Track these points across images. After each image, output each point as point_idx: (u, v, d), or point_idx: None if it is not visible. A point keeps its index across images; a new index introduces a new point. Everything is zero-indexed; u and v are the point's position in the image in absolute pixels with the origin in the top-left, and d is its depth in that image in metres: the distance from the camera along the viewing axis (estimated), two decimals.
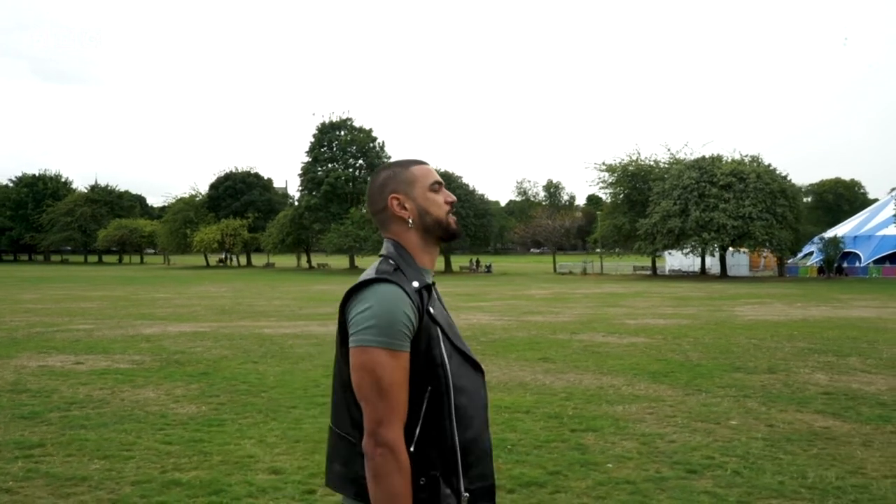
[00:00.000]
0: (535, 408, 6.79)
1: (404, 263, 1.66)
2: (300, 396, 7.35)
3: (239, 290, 30.96)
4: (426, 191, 1.74)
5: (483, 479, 1.64)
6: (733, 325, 15.05)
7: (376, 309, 1.54)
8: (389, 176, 1.76)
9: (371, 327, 1.53)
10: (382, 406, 1.51)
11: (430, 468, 1.55)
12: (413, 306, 1.56)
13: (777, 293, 27.43)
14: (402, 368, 1.53)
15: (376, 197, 1.76)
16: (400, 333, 1.53)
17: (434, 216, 1.73)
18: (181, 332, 13.54)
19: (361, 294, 1.58)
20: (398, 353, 1.53)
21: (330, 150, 59.15)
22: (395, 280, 1.58)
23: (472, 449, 1.61)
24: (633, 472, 4.76)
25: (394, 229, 1.73)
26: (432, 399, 1.57)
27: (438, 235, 1.75)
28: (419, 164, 1.79)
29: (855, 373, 8.96)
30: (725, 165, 40.81)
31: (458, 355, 1.64)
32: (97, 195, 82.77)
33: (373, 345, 1.52)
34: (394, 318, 1.53)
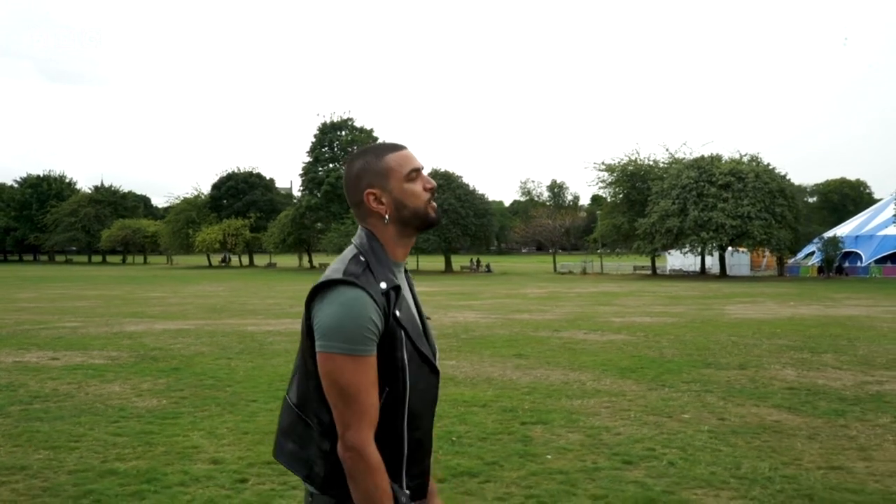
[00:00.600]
0: (494, 402, 6.82)
1: (375, 260, 1.62)
2: (263, 391, 7.41)
3: (235, 289, 31.08)
4: (402, 182, 1.66)
5: (421, 476, 1.67)
6: (718, 323, 15.05)
7: (340, 314, 1.52)
8: (363, 167, 1.68)
9: (335, 333, 1.52)
10: (347, 411, 1.52)
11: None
12: (378, 310, 1.54)
13: (772, 292, 27.36)
14: (367, 373, 1.53)
15: (352, 189, 1.69)
16: (364, 339, 1.52)
17: (411, 208, 1.67)
18: (165, 330, 13.63)
19: (327, 296, 1.55)
20: (363, 357, 1.52)
21: (331, 150, 59.29)
22: (360, 284, 1.54)
23: (418, 448, 1.64)
24: (569, 462, 4.80)
25: (370, 222, 1.68)
26: (389, 400, 1.58)
27: (416, 226, 1.70)
28: (394, 151, 1.69)
29: (825, 369, 8.96)
30: (724, 165, 40.73)
31: (417, 357, 1.62)
32: (101, 196, 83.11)
33: (337, 352, 1.51)
34: (358, 325, 1.51)
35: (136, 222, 77.35)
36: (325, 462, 1.59)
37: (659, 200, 41.24)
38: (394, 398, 1.58)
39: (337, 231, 53.73)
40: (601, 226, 47.03)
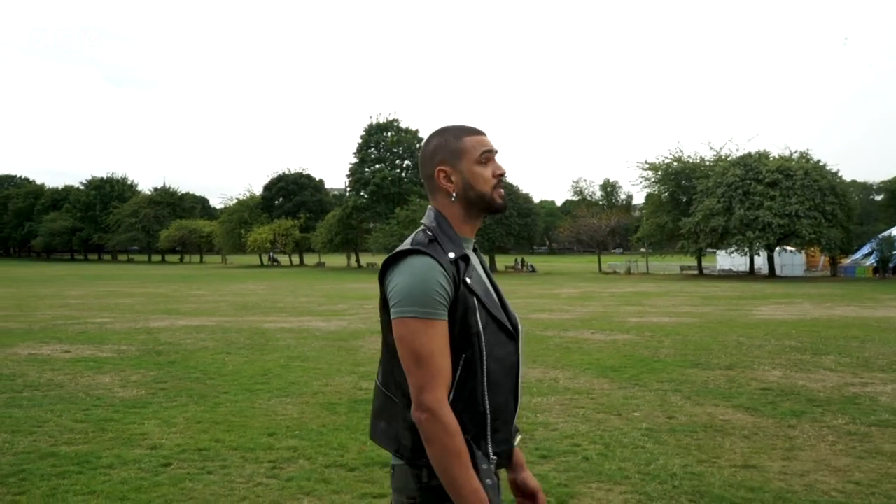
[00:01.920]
0: None
1: (442, 234, 1.69)
2: (241, 384, 7.71)
3: (275, 287, 31.84)
4: (473, 164, 1.74)
5: (506, 443, 1.71)
6: (736, 323, 14.77)
7: (411, 280, 1.59)
8: (440, 145, 1.76)
9: (407, 298, 1.58)
10: (422, 374, 1.56)
11: (464, 432, 1.60)
12: (447, 276, 1.60)
13: (815, 293, 26.54)
14: (440, 336, 1.58)
15: (426, 163, 1.78)
16: (435, 303, 1.58)
17: (478, 190, 1.74)
18: (185, 326, 14.17)
19: (397, 266, 1.63)
20: (434, 321, 1.57)
21: (377, 151, 59.97)
22: (428, 251, 1.62)
23: (499, 414, 1.67)
24: None
25: (439, 199, 1.76)
26: (467, 366, 1.62)
27: (481, 209, 1.76)
28: (472, 134, 1.77)
29: (816, 370, 8.78)
30: (772, 162, 39.57)
31: (493, 323, 1.67)
32: (160, 197, 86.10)
33: (409, 315, 1.57)
34: (428, 289, 1.58)
35: (192, 223, 79.81)
36: (411, 433, 1.63)
37: (703, 199, 40.35)
38: (471, 365, 1.62)
39: (382, 231, 54.35)
40: (645, 225, 46.28)
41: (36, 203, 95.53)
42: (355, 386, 7.61)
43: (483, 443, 1.63)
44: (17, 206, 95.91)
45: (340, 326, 14.19)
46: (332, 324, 14.77)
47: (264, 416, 6.10)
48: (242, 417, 6.06)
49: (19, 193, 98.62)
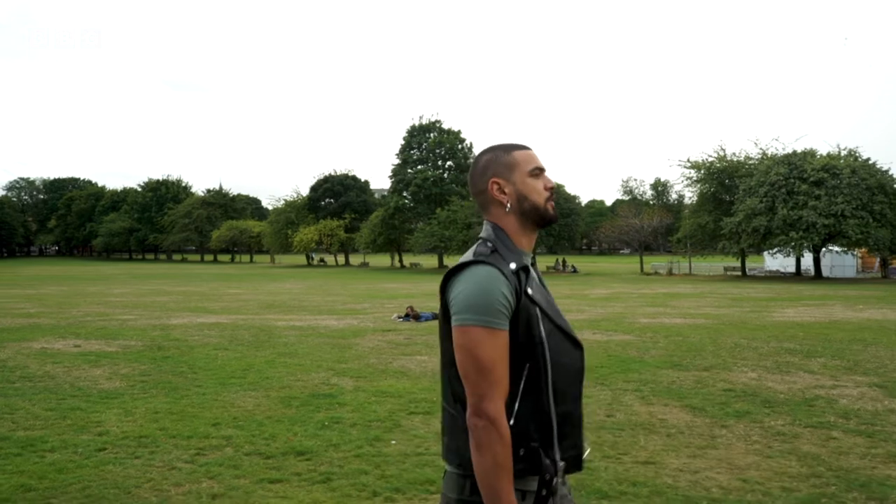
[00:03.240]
0: (406, 392, 7.20)
1: (502, 246, 1.72)
2: (218, 378, 8.10)
3: (311, 287, 32.55)
4: (526, 176, 1.78)
5: (574, 448, 1.73)
6: (747, 325, 14.56)
7: (474, 289, 1.61)
8: (491, 159, 1.81)
9: (470, 308, 1.60)
10: (482, 382, 1.57)
11: (530, 440, 1.63)
12: (510, 287, 1.62)
13: (853, 295, 25.75)
14: (501, 346, 1.59)
15: (477, 179, 1.82)
16: (497, 312, 1.59)
17: (532, 202, 1.77)
18: (201, 323, 14.75)
19: (460, 276, 1.66)
20: (496, 331, 1.59)
21: (419, 152, 60.48)
22: (491, 262, 1.64)
23: (566, 421, 1.69)
24: (403, 446, 5.14)
25: (493, 212, 1.79)
26: (531, 375, 1.64)
27: (535, 220, 1.79)
28: (521, 150, 1.82)
29: (796, 373, 8.69)
30: (818, 161, 38.45)
31: (557, 332, 1.69)
32: (212, 198, 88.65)
33: (471, 324, 1.59)
34: (491, 298, 1.60)
35: (243, 223, 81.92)
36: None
37: (746, 198, 39.48)
38: (536, 374, 1.64)
39: (423, 231, 54.83)
40: (685, 225, 45.50)
41: (97, 205, 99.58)
42: (325, 381, 7.92)
43: (550, 450, 1.65)
44: (79, 208, 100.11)
45: (349, 325, 14.55)
46: (342, 322, 15.15)
47: (219, 408, 6.46)
48: (198, 409, 6.43)
49: (81, 195, 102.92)
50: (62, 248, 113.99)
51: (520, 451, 1.62)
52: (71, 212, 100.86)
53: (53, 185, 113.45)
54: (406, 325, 14.68)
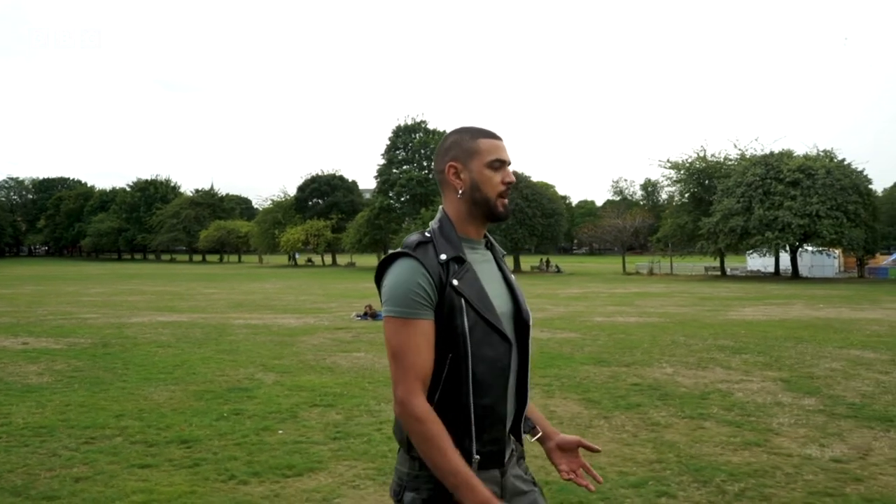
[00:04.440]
0: (324, 387, 7.45)
1: (440, 236, 1.73)
2: (147, 373, 8.33)
3: (289, 287, 32.75)
4: (484, 167, 1.77)
5: (495, 443, 1.72)
6: (694, 324, 14.82)
7: (393, 281, 1.66)
8: (455, 142, 1.80)
9: (389, 299, 1.66)
10: (397, 370, 1.62)
11: (449, 430, 1.63)
12: (429, 278, 1.65)
13: (820, 294, 26.11)
14: (415, 334, 1.62)
15: (439, 158, 1.82)
16: (413, 303, 1.63)
17: (483, 193, 1.77)
18: (159, 322, 14.97)
19: (387, 269, 1.71)
20: (411, 320, 1.63)
21: (405, 152, 60.71)
22: (414, 254, 1.67)
23: (487, 415, 1.68)
24: (288, 435, 5.40)
25: (446, 194, 1.82)
26: (452, 366, 1.65)
27: (484, 213, 1.79)
28: (488, 138, 1.80)
29: (712, 368, 8.96)
30: (794, 161, 38.85)
31: (483, 325, 1.68)
32: (200, 198, 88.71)
33: (391, 315, 1.65)
34: (407, 289, 1.63)
35: (231, 223, 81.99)
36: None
37: (723, 199, 39.88)
38: (457, 365, 1.66)
39: (407, 231, 55.05)
40: (665, 225, 45.85)
41: (85, 204, 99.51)
42: (249, 377, 8.16)
43: (467, 441, 1.66)
44: (68, 208, 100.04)
45: (305, 323, 14.79)
46: (300, 321, 15.38)
47: (131, 401, 6.70)
48: (110, 402, 6.66)
49: (70, 195, 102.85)
50: (51, 248, 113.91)
51: None
52: (60, 212, 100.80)
53: (43, 185, 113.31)
54: (362, 323, 14.92)
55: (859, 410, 6.48)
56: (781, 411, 6.44)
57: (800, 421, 6.06)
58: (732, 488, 4.26)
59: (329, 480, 4.35)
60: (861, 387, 7.69)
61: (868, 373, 8.59)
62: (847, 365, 9.19)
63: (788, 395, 7.19)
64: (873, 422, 6.03)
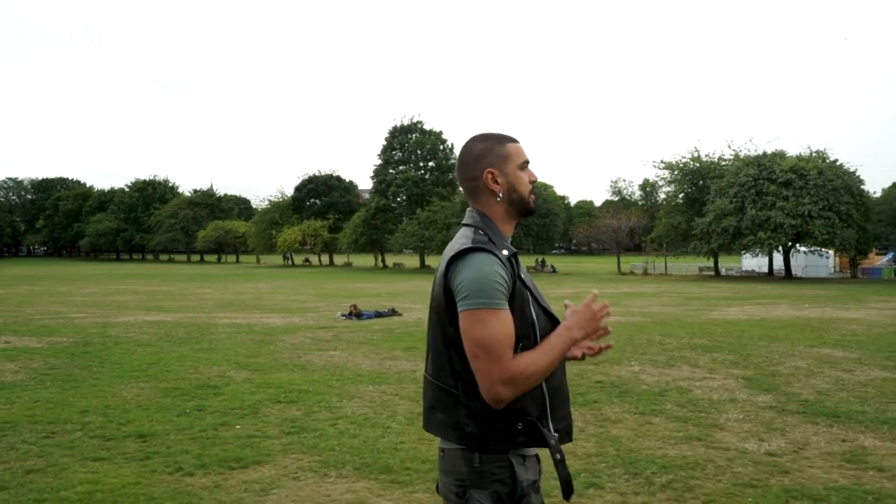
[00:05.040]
0: (285, 385, 7.60)
1: (493, 233, 1.83)
2: (121, 371, 8.48)
3: (281, 287, 32.90)
4: (517, 168, 1.89)
5: (564, 420, 1.85)
6: (675, 323, 14.98)
7: (477, 275, 1.71)
8: (487, 149, 1.90)
9: (474, 292, 1.70)
10: (491, 359, 1.68)
11: (527, 414, 1.75)
12: (507, 271, 1.75)
13: (809, 294, 26.24)
14: (504, 323, 1.70)
15: (471, 166, 1.90)
16: (498, 293, 1.71)
17: (520, 193, 1.90)
18: (145, 321, 15.12)
19: (462, 262, 1.75)
20: (499, 311, 1.70)
21: (401, 153, 60.86)
22: (489, 249, 1.75)
23: (556, 395, 1.82)
24: (244, 430, 5.55)
25: (483, 200, 1.90)
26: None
27: (519, 211, 1.92)
28: (514, 142, 1.93)
29: (679, 367, 9.10)
30: (786, 162, 39.01)
31: (543, 314, 1.83)
32: (199, 198, 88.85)
33: (475, 307, 1.70)
34: (493, 280, 1.71)
35: (229, 223, 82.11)
36: (476, 420, 1.75)
37: (716, 199, 40.03)
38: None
39: (404, 232, 55.30)
40: (659, 226, 46.02)
41: (84, 205, 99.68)
42: (221, 374, 8.31)
43: (545, 421, 1.78)
44: (66, 208, 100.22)
45: (289, 323, 14.94)
46: (285, 320, 15.54)
47: (99, 398, 6.85)
48: (78, 398, 6.82)
49: (69, 195, 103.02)
50: (50, 248, 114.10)
51: (518, 424, 1.75)
52: (58, 212, 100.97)
53: (42, 185, 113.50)
54: (345, 323, 15.06)
55: (810, 407, 6.63)
56: (733, 408, 6.58)
57: (748, 417, 6.20)
58: (660, 480, 4.41)
59: (272, 472, 4.50)
60: (820, 384, 7.84)
61: (831, 371, 8.74)
62: (813, 363, 9.33)
63: (745, 393, 7.33)
64: (820, 417, 6.18)
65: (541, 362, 1.72)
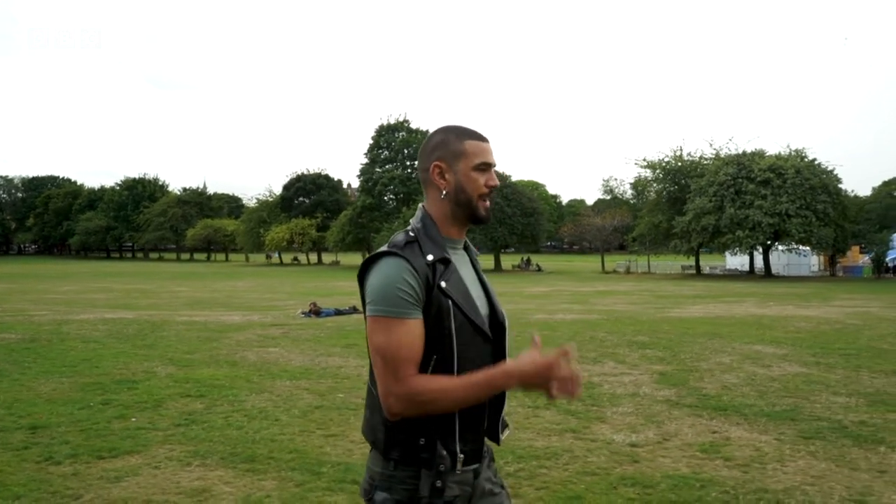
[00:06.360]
0: (204, 380, 7.76)
1: (424, 235, 1.72)
2: (52, 367, 8.62)
3: (259, 285, 33.03)
4: (470, 169, 1.75)
5: (475, 441, 1.73)
6: (627, 321, 15.13)
7: (382, 280, 1.63)
8: (442, 141, 1.78)
9: (376, 299, 1.62)
10: (387, 368, 1.60)
11: (430, 430, 1.65)
12: (416, 278, 1.63)
13: (779, 293, 26.46)
14: (405, 333, 1.60)
15: (424, 157, 1.80)
16: (402, 302, 1.60)
17: (468, 196, 1.75)
18: (104, 318, 15.25)
19: (373, 267, 1.68)
20: (402, 319, 1.60)
21: (388, 152, 61.03)
22: (402, 253, 1.65)
23: (468, 415, 1.69)
24: (141, 423, 5.72)
25: (429, 193, 1.79)
26: (437, 367, 1.65)
27: (466, 215, 1.78)
28: (476, 140, 1.78)
29: (606, 363, 9.28)
30: (765, 161, 39.29)
31: (468, 326, 1.68)
32: (188, 197, 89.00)
33: (378, 314, 1.62)
34: (395, 288, 1.60)
35: (218, 222, 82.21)
36: (385, 427, 1.68)
37: (696, 198, 40.30)
38: (443, 365, 1.65)
39: (389, 231, 55.41)
40: (641, 224, 46.27)
41: (74, 203, 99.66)
42: (146, 370, 8.47)
43: (451, 441, 1.67)
44: (56, 206, 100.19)
45: (247, 320, 15.09)
46: (244, 318, 15.68)
47: (14, 392, 7.00)
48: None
49: (59, 194, 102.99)
50: (41, 246, 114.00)
51: (420, 440, 1.65)
52: (48, 210, 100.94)
53: (32, 184, 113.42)
54: (303, 320, 15.22)
55: (705, 401, 6.81)
56: (629, 402, 6.76)
57: (637, 411, 6.38)
58: (509, 468, 4.58)
59: (137, 461, 4.67)
60: (731, 379, 8.02)
61: (751, 367, 8.93)
62: (737, 359, 9.52)
63: (651, 388, 7.52)
64: (707, 411, 6.36)
65: (454, 394, 1.61)
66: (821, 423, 5.90)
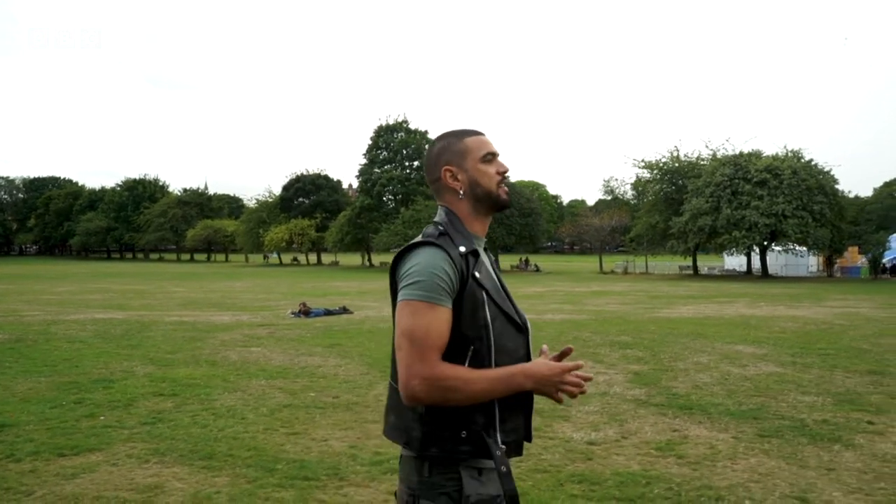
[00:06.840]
0: (181, 379, 7.84)
1: (452, 229, 1.75)
2: (34, 367, 8.71)
3: (255, 285, 33.09)
4: (477, 162, 1.81)
5: (515, 432, 1.74)
6: (615, 321, 15.19)
7: (418, 267, 1.65)
8: (444, 147, 1.84)
9: (413, 284, 1.64)
10: (414, 349, 1.60)
11: (472, 422, 1.65)
12: (454, 267, 1.65)
13: (774, 293, 26.48)
14: (438, 319, 1.62)
15: (432, 167, 1.85)
16: (438, 289, 1.62)
17: (484, 187, 1.80)
18: (94, 318, 15.34)
19: (408, 255, 1.70)
20: (435, 306, 1.62)
21: (387, 152, 61.09)
22: (438, 243, 1.68)
23: (508, 405, 1.70)
24: (108, 421, 5.79)
25: (447, 198, 1.82)
26: (474, 358, 1.65)
27: (488, 205, 1.82)
28: (473, 135, 1.85)
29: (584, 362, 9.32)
30: (761, 161, 39.30)
31: (502, 316, 1.71)
32: (188, 197, 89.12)
33: (412, 298, 1.63)
34: (432, 275, 1.63)
35: (218, 223, 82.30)
36: (421, 424, 1.66)
37: (693, 199, 40.31)
38: (480, 356, 1.67)
39: (388, 231, 55.44)
40: (638, 225, 46.31)
41: (74, 203, 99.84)
42: (125, 370, 8.54)
43: (493, 431, 1.67)
44: (57, 207, 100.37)
45: (235, 320, 15.16)
46: (233, 318, 15.76)
47: None
48: None
49: (60, 194, 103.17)
50: (41, 247, 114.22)
51: (462, 432, 1.65)
52: (49, 211, 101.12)
53: (33, 184, 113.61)
54: (292, 321, 15.28)
55: (674, 400, 6.87)
56: (597, 401, 6.81)
57: (603, 409, 6.44)
58: None
59: (97, 459, 4.74)
60: (704, 379, 8.07)
61: (726, 367, 8.98)
62: (715, 360, 9.57)
63: (623, 387, 7.57)
64: (673, 409, 6.42)
65: (476, 385, 1.62)
66: (783, 421, 5.96)
